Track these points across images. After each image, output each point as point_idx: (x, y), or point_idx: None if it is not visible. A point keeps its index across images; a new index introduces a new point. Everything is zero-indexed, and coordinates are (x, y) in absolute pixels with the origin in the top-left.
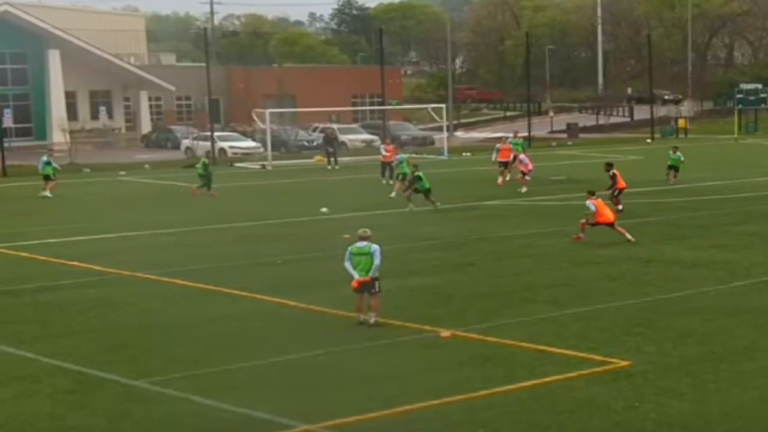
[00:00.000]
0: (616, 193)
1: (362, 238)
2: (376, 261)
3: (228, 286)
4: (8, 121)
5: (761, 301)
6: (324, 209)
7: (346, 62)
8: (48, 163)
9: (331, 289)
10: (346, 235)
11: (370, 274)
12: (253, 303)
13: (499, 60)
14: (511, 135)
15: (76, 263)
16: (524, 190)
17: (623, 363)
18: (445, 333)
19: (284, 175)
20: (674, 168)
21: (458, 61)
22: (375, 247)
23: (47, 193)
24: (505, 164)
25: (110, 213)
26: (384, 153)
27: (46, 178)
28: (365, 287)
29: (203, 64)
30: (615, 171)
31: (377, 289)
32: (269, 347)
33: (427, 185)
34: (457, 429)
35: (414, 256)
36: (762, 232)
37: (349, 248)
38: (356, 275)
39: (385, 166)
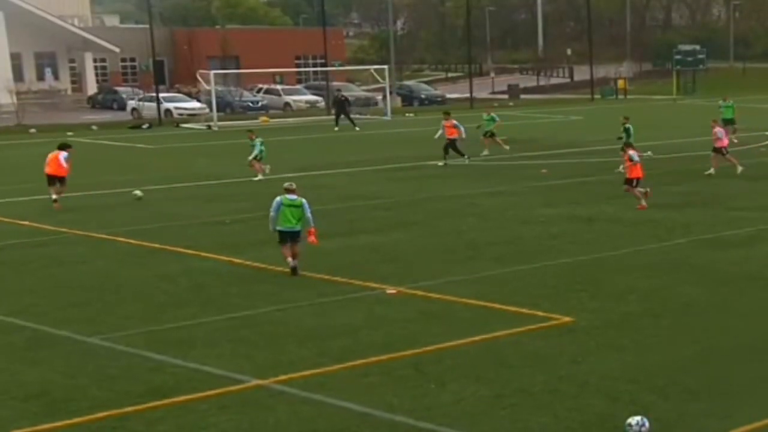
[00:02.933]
0: None
1: (290, 191)
2: (308, 214)
3: (178, 245)
4: None
5: (700, 259)
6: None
7: (288, 24)
8: None
9: (279, 247)
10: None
11: (311, 225)
12: (203, 261)
13: (439, 21)
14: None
15: (27, 223)
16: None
17: (566, 319)
18: (392, 290)
19: (230, 135)
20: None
21: (399, 23)
22: (304, 200)
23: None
24: None
25: None
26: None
27: None
28: (290, 236)
29: (147, 26)
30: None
31: (300, 239)
32: (221, 304)
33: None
34: (405, 383)
35: (360, 215)
36: (699, 191)
37: (279, 199)
38: (272, 227)
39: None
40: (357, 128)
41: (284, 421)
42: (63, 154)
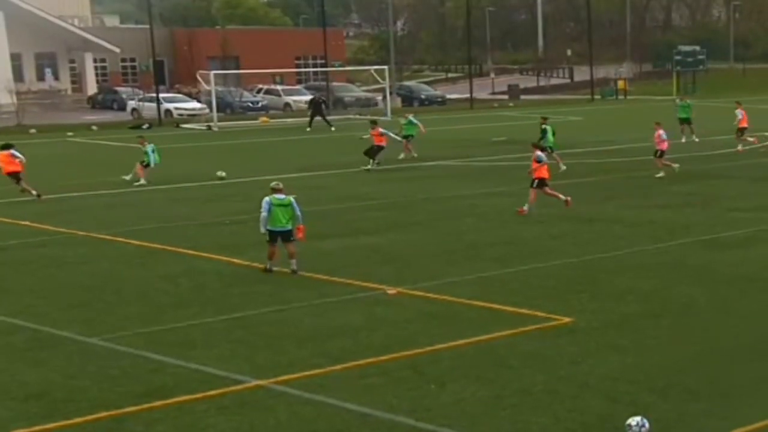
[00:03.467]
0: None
1: (277, 191)
2: (298, 212)
3: (178, 246)
4: None
5: (699, 259)
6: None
7: (288, 24)
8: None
9: (267, 246)
10: (293, 196)
11: (300, 222)
12: (203, 262)
13: (439, 22)
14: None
15: (27, 223)
16: None
17: (566, 319)
18: (392, 291)
19: (230, 136)
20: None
21: (399, 24)
22: (292, 198)
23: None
24: None
25: (59, 174)
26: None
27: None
28: (282, 236)
29: (147, 26)
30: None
31: (294, 237)
32: (221, 305)
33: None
34: (405, 383)
35: (359, 216)
36: (699, 191)
37: (268, 199)
38: (263, 228)
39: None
40: (309, 129)
41: (284, 422)
42: (13, 152)
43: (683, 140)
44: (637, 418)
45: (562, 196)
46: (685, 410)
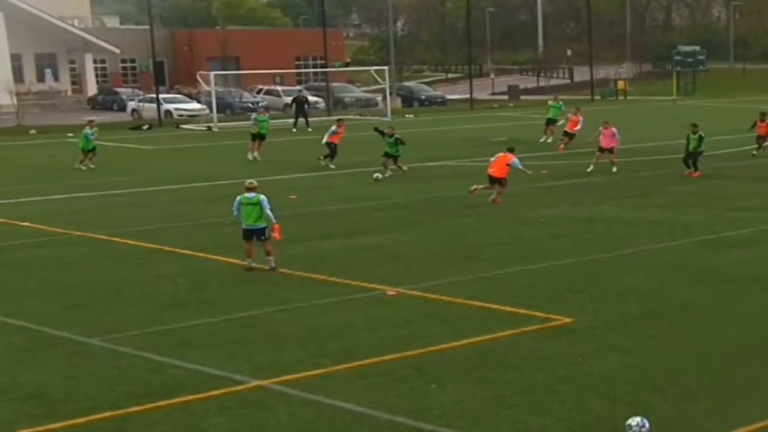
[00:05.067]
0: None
1: (249, 189)
2: (267, 211)
3: (177, 246)
4: None
5: (700, 259)
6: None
7: (288, 25)
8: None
9: (277, 248)
10: (293, 196)
11: (273, 221)
12: (203, 262)
13: (440, 22)
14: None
15: (27, 224)
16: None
17: (567, 320)
18: (392, 291)
19: (230, 136)
20: None
21: (399, 24)
22: (262, 197)
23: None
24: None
25: (59, 174)
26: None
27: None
28: (255, 234)
29: (147, 27)
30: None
31: (267, 236)
32: (220, 305)
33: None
34: (405, 383)
35: (359, 216)
36: (699, 191)
37: (239, 198)
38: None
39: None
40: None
41: (284, 422)
42: None
43: (542, 140)
44: (638, 419)
45: None
46: (685, 410)
